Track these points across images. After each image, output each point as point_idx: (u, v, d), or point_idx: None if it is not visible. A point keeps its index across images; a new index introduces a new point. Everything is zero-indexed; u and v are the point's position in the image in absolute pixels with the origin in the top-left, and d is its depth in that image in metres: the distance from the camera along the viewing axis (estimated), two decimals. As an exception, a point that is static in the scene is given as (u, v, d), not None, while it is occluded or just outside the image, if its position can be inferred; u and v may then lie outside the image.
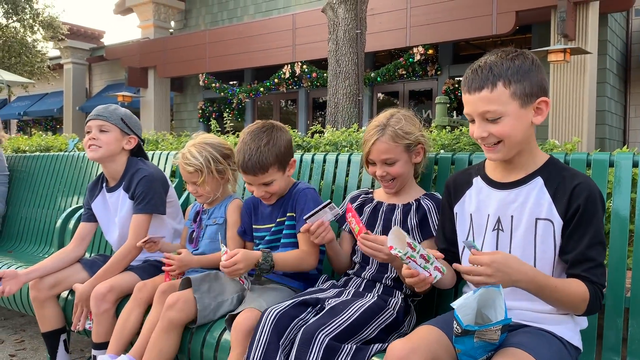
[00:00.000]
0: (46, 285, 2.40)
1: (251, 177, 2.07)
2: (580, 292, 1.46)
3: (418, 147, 2.00)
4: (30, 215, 3.80)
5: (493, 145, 1.52)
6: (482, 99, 1.48)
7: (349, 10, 5.80)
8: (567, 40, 7.42)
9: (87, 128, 2.48)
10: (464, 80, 1.54)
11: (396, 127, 1.94)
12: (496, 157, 1.55)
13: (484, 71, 1.49)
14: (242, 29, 11.05)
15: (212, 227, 2.35)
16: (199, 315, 1.96)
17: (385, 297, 1.87)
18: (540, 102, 1.51)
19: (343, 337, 1.62)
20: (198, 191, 2.33)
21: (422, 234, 1.94)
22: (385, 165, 1.97)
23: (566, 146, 2.67)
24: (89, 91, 16.26)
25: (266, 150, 2.04)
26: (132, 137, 2.53)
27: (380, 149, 1.95)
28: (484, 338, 1.34)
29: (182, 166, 2.32)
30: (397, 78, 9.90)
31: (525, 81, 1.48)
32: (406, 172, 2.00)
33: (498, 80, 1.47)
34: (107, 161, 2.50)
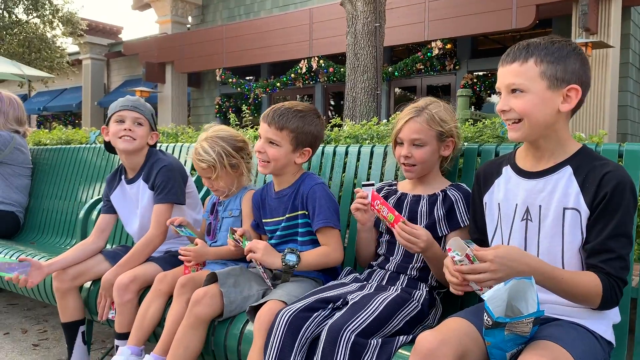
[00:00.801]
0: (69, 276, 2.41)
1: (265, 127, 2.07)
2: (591, 285, 1.42)
3: (449, 140, 1.96)
4: (53, 207, 3.84)
5: (513, 123, 1.52)
6: (511, 71, 1.50)
7: (367, 3, 5.76)
8: (588, 34, 7.30)
9: (119, 117, 2.47)
10: (502, 57, 1.56)
11: (433, 111, 1.92)
12: (516, 136, 1.53)
13: (520, 46, 1.52)
14: (259, 24, 11.04)
15: (229, 220, 2.34)
16: (225, 309, 1.95)
17: (409, 289, 1.85)
18: (571, 89, 1.48)
19: (369, 332, 1.60)
20: (213, 185, 2.33)
21: (449, 225, 1.90)
22: (413, 146, 1.93)
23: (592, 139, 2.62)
24: (107, 86, 16.40)
25: (294, 115, 2.06)
26: (154, 133, 2.59)
27: (412, 127, 1.93)
28: (515, 330, 1.31)
29: (195, 162, 2.31)
30: (415, 72, 9.83)
31: (559, 65, 1.47)
32: (431, 161, 1.95)
33: (530, 57, 1.48)
34: (135, 153, 2.52)
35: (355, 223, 2.31)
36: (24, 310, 3.72)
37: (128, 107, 2.47)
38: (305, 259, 1.99)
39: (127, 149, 2.48)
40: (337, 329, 1.58)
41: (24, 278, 2.30)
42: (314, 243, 2.11)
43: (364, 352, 1.56)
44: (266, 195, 2.23)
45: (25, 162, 3.85)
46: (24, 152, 3.82)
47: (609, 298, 1.43)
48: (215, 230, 2.38)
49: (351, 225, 2.37)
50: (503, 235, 1.64)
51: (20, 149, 3.77)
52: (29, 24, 13.96)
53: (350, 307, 1.69)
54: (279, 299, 1.84)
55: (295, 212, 2.11)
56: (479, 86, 9.52)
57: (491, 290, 1.32)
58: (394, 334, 1.68)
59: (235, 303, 1.97)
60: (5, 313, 3.65)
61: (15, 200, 3.79)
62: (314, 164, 2.60)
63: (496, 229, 1.66)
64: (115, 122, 2.48)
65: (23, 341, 3.12)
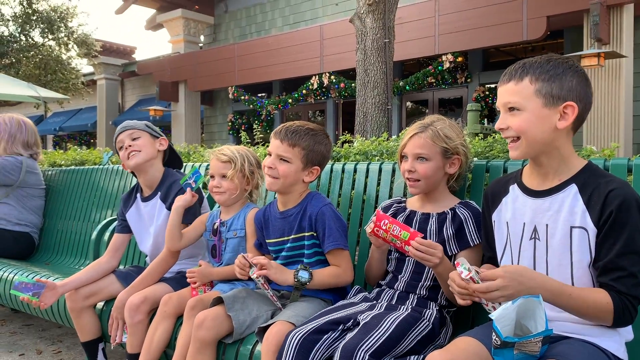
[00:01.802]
0: (81, 296, 2.44)
1: (276, 143, 2.09)
2: (602, 302, 1.41)
3: (454, 158, 1.96)
4: (66, 228, 3.88)
5: (512, 141, 1.54)
6: (507, 90, 1.54)
7: (376, 19, 5.79)
8: (600, 44, 7.26)
9: (118, 143, 2.57)
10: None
11: (438, 127, 1.93)
12: (515, 154, 1.55)
13: (517, 66, 1.55)
14: (270, 42, 11.15)
15: (234, 240, 2.33)
16: (235, 332, 1.95)
17: (420, 308, 1.84)
18: (567, 106, 1.49)
19: (381, 352, 1.59)
20: (222, 185, 2.30)
21: (458, 245, 1.89)
22: (417, 161, 1.93)
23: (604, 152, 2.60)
24: (121, 106, 16.62)
25: (305, 133, 2.09)
26: (162, 138, 2.64)
27: (416, 142, 1.94)
28: (524, 350, 1.30)
29: (216, 156, 2.33)
30: (426, 86, 9.84)
31: (555, 82, 1.49)
32: (435, 177, 1.94)
33: (525, 75, 1.51)
34: (147, 166, 2.57)
35: (365, 241, 2.31)
36: (39, 330, 3.75)
37: (120, 130, 2.58)
38: (317, 277, 1.99)
39: (137, 163, 2.54)
40: (351, 349, 1.57)
41: (36, 301, 2.33)
42: (320, 263, 2.10)
43: None
44: (269, 215, 2.22)
45: (38, 183, 3.91)
46: (35, 174, 3.88)
47: (622, 315, 1.42)
48: (220, 252, 2.37)
49: (361, 243, 2.37)
50: (512, 254, 1.63)
51: (31, 171, 3.83)
52: (44, 47, 14.25)
53: (362, 328, 1.68)
54: (288, 320, 1.84)
55: (301, 233, 2.11)
56: (491, 99, 9.50)
57: (499, 309, 1.31)
58: (406, 354, 1.67)
59: (245, 325, 1.96)
60: (20, 334, 3.68)
61: (30, 221, 3.85)
62: (323, 182, 2.60)
63: (505, 247, 1.66)
64: (119, 149, 2.58)
65: (38, 362, 3.14)
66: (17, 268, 3.16)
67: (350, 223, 2.40)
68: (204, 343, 1.95)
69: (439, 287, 1.87)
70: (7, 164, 3.70)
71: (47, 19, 13.84)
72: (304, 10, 12.11)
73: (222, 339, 1.99)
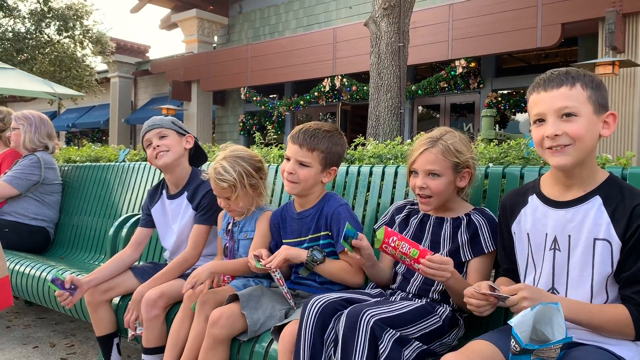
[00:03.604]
0: (100, 290, 2.47)
1: (295, 148, 2.08)
2: (621, 317, 1.43)
3: (465, 171, 1.93)
4: (82, 223, 3.93)
5: (562, 147, 1.49)
6: (561, 95, 1.49)
7: (391, 23, 5.81)
8: (615, 52, 7.23)
9: (146, 142, 2.58)
10: (536, 83, 1.55)
11: (449, 142, 1.90)
12: (565, 161, 1.49)
13: (561, 73, 1.52)
14: (284, 43, 11.20)
15: (245, 242, 2.34)
16: (250, 330, 1.97)
17: (434, 304, 1.86)
18: (609, 115, 1.51)
19: (388, 324, 1.61)
20: (230, 206, 2.31)
21: (473, 251, 1.88)
22: (428, 177, 1.90)
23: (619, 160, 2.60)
24: (134, 104, 16.73)
25: (323, 136, 2.09)
26: (188, 136, 2.65)
27: (427, 158, 1.90)
28: (542, 356, 1.31)
29: (215, 182, 2.28)
30: (439, 91, 9.84)
31: (598, 91, 1.50)
32: (446, 192, 1.92)
33: (577, 81, 1.50)
34: (175, 165, 2.59)
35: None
36: (52, 324, 3.79)
37: (148, 128, 2.58)
38: (328, 264, 2.03)
39: (166, 163, 2.56)
40: (358, 311, 1.60)
41: (69, 298, 2.37)
42: None
43: (381, 338, 1.56)
44: (286, 216, 2.24)
45: (56, 179, 3.96)
46: (53, 169, 3.93)
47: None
48: (232, 252, 2.39)
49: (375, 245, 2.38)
50: (536, 264, 1.64)
51: (49, 167, 3.88)
52: (60, 44, 14.39)
53: (374, 302, 1.74)
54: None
55: (318, 233, 2.13)
56: (504, 105, 9.48)
57: (518, 315, 1.32)
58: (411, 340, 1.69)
59: (259, 323, 1.98)
60: (34, 327, 3.73)
61: (47, 216, 3.90)
62: (339, 183, 2.62)
63: (528, 258, 1.66)
64: (146, 147, 2.59)
65: (52, 355, 3.18)
66: (34, 261, 3.20)
67: (365, 225, 2.42)
68: (217, 340, 1.98)
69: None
70: (25, 168, 3.76)
71: (62, 17, 13.98)
72: (318, 13, 12.15)
73: (236, 336, 2.01)
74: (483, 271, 1.87)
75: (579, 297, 1.53)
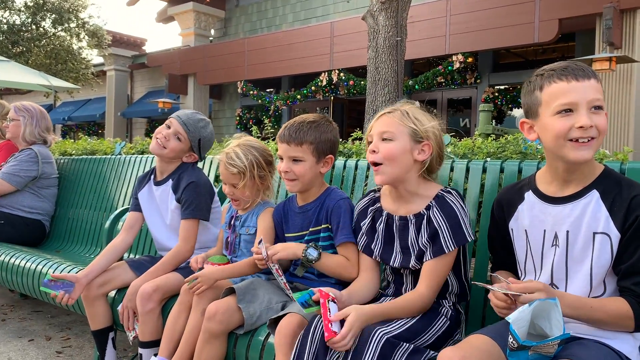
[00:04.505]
0: (95, 284, 2.46)
1: (284, 146, 2.06)
2: (621, 310, 1.43)
3: (425, 143, 1.80)
4: (78, 216, 3.92)
5: (589, 140, 1.46)
6: (592, 87, 1.46)
7: (389, 17, 5.79)
8: (612, 48, 7.23)
9: (169, 122, 2.56)
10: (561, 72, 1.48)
11: (406, 107, 1.83)
12: (588, 154, 1.46)
13: (582, 65, 1.49)
14: (281, 37, 11.17)
15: (247, 237, 2.33)
16: (246, 323, 1.96)
17: (435, 306, 1.84)
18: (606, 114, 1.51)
19: (400, 339, 1.60)
20: (235, 194, 2.29)
21: (432, 251, 1.77)
22: (382, 142, 1.78)
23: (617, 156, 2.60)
24: (130, 97, 16.67)
25: (308, 127, 2.05)
26: (195, 155, 2.61)
27: (382, 121, 1.81)
28: (540, 351, 1.31)
29: (225, 166, 2.27)
30: (436, 86, 9.83)
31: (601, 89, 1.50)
32: (400, 160, 1.78)
33: (594, 76, 1.48)
34: (163, 159, 2.59)
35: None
36: (48, 317, 3.78)
37: (180, 120, 2.54)
38: (324, 260, 1.99)
39: (153, 151, 2.57)
40: (370, 329, 1.58)
41: (67, 296, 2.35)
42: None
43: (394, 353, 1.54)
44: (289, 210, 2.23)
45: (52, 172, 3.94)
46: (50, 163, 3.91)
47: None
48: (233, 246, 2.37)
49: None
50: (535, 261, 1.64)
51: (46, 161, 3.86)
52: (56, 36, 14.31)
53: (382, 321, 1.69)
54: (299, 312, 1.85)
55: (318, 226, 2.12)
56: (500, 100, 9.48)
57: (516, 312, 1.32)
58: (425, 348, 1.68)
59: (255, 316, 1.98)
60: (30, 320, 3.71)
61: (43, 209, 3.88)
62: (336, 177, 2.62)
63: (527, 255, 1.66)
64: (165, 124, 2.56)
65: (47, 348, 3.17)
66: (29, 254, 3.19)
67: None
68: (213, 335, 1.97)
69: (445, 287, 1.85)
70: (23, 164, 3.73)
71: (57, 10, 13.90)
72: (315, 7, 12.11)
73: (233, 329, 2.00)
74: (438, 272, 1.77)
75: (577, 291, 1.53)
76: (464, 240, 1.76)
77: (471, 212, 2.12)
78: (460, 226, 1.76)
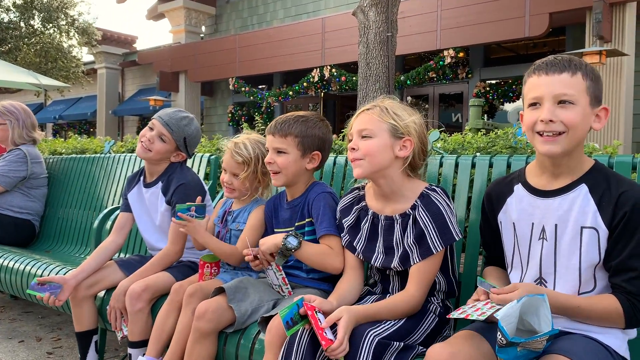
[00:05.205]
0: (84, 285, 2.44)
1: (270, 137, 2.07)
2: (610, 308, 1.44)
3: (406, 139, 1.78)
4: (68, 216, 3.89)
5: (554, 135, 1.47)
6: (562, 81, 1.47)
7: (379, 13, 5.77)
8: (602, 42, 7.25)
9: (151, 124, 2.52)
10: (537, 66, 1.52)
11: (386, 103, 1.81)
12: (555, 149, 1.47)
13: (564, 59, 1.50)
14: (272, 33, 11.12)
15: (237, 233, 2.32)
16: (237, 322, 1.95)
17: (424, 303, 1.83)
18: (602, 109, 1.50)
19: (391, 339, 1.60)
20: (234, 184, 2.30)
21: (420, 252, 1.76)
22: (361, 139, 1.77)
23: (606, 149, 2.60)
24: (121, 95, 16.59)
25: (295, 121, 2.05)
26: (183, 154, 2.58)
27: (362, 119, 1.80)
28: (529, 347, 1.31)
29: (231, 154, 2.29)
30: (427, 81, 9.83)
31: (597, 84, 1.49)
32: (381, 157, 1.76)
33: (578, 70, 1.48)
34: (151, 162, 2.57)
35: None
36: (39, 318, 3.76)
37: (162, 121, 2.50)
38: (305, 248, 1.94)
39: (139, 155, 2.54)
40: (361, 332, 1.58)
41: (53, 298, 2.33)
42: None
43: (386, 351, 1.55)
44: (279, 205, 2.23)
45: (42, 172, 3.91)
46: (39, 162, 3.87)
47: (633, 317, 1.44)
48: (224, 240, 2.37)
49: None
50: (522, 254, 1.63)
51: (35, 160, 3.82)
52: (45, 35, 14.20)
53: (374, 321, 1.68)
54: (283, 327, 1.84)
55: (303, 221, 2.11)
56: (492, 95, 9.50)
57: (504, 308, 1.32)
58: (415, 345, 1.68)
59: (246, 315, 1.97)
60: (20, 321, 3.69)
61: (32, 209, 3.85)
62: (326, 174, 2.61)
63: (514, 248, 1.66)
64: (148, 126, 2.53)
65: (37, 349, 3.15)
66: (19, 255, 3.16)
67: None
68: (203, 334, 1.96)
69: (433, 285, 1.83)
70: (12, 164, 3.70)
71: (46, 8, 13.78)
72: (306, 3, 12.07)
73: (223, 329, 1.99)
74: (427, 273, 1.76)
75: (567, 286, 1.53)
76: (451, 239, 1.75)
77: (461, 207, 2.12)
78: (447, 225, 1.74)
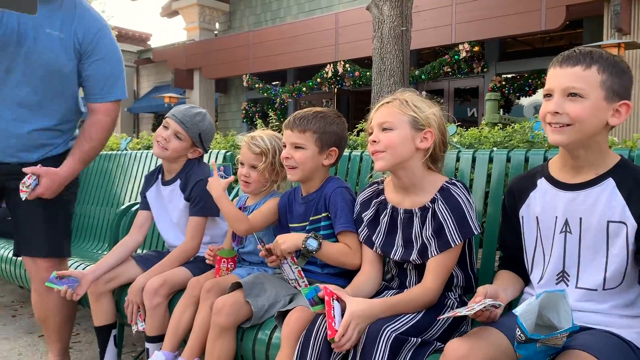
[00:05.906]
0: (103, 280, 2.46)
1: (287, 132, 2.07)
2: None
3: (427, 131, 1.78)
4: (84, 212, 3.93)
5: (561, 126, 1.47)
6: (572, 74, 1.46)
7: (394, 7, 5.74)
8: (621, 34, 7.15)
9: (165, 122, 2.53)
10: (556, 59, 1.51)
11: (406, 95, 1.81)
12: (561, 139, 1.48)
13: (583, 52, 1.48)
14: (285, 30, 11.13)
15: None
16: (254, 317, 1.96)
17: (442, 298, 1.82)
18: (622, 105, 1.47)
19: (408, 335, 1.60)
20: (251, 176, 2.31)
21: (438, 246, 1.75)
22: (382, 132, 1.77)
23: (626, 143, 2.57)
24: (136, 92, 16.71)
25: (315, 117, 2.05)
26: (199, 150, 2.59)
27: (382, 112, 1.80)
28: (548, 343, 1.30)
29: (248, 146, 2.31)
30: (442, 76, 9.76)
31: (617, 78, 1.46)
32: (402, 149, 1.76)
33: (594, 64, 1.45)
34: (169, 160, 2.58)
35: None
36: (58, 313, 3.80)
37: (176, 118, 2.50)
38: (325, 249, 1.95)
39: (157, 155, 2.56)
40: (378, 327, 1.57)
41: (70, 292, 2.35)
42: None
43: (402, 348, 1.54)
44: (293, 200, 2.23)
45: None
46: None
47: None
48: (240, 237, 2.38)
49: None
50: (544, 248, 1.62)
51: None
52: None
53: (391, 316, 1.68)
54: (307, 306, 1.85)
55: (318, 215, 2.11)
56: (508, 89, 9.41)
57: (523, 304, 1.30)
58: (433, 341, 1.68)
59: (263, 310, 1.98)
60: (39, 316, 3.74)
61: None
62: (341, 169, 2.60)
63: (536, 242, 1.64)
64: (162, 125, 2.54)
65: (57, 344, 3.18)
66: (37, 251, 3.19)
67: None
68: (223, 328, 1.98)
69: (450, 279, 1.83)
70: None
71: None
72: (320, -2, 12.06)
73: (240, 323, 2.00)
74: (444, 266, 1.76)
75: (590, 280, 1.51)
76: (470, 233, 1.75)
77: (478, 202, 2.10)
78: (466, 219, 1.74)
